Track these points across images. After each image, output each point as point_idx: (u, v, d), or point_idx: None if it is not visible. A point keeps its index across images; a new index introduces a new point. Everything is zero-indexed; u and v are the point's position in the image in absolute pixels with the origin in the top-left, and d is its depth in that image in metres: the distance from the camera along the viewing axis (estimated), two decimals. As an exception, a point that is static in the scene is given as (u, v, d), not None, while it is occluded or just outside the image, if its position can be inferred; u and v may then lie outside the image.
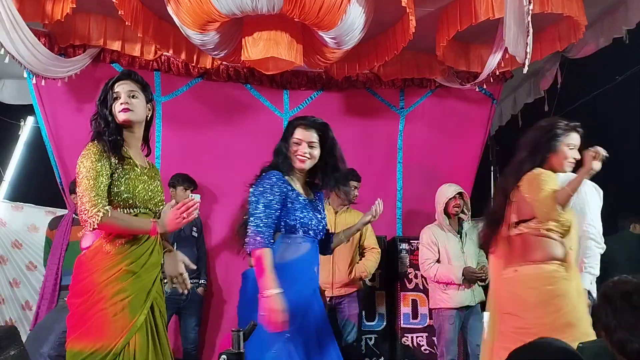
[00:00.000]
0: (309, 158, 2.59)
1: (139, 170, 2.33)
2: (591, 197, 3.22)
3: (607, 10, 4.33)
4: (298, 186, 2.62)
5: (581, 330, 2.48)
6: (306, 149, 2.58)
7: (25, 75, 4.37)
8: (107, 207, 2.18)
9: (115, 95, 2.35)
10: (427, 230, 4.20)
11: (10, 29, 3.75)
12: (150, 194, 2.34)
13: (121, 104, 2.33)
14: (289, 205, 2.52)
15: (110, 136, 2.29)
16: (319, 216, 2.63)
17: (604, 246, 3.17)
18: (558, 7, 3.82)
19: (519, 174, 2.73)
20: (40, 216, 5.54)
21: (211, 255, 4.82)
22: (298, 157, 2.58)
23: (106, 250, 2.19)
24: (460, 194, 4.15)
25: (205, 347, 4.71)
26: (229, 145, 4.98)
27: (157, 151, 4.82)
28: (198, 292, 4.47)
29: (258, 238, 2.41)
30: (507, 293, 2.74)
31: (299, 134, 2.60)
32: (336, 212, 4.17)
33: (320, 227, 2.61)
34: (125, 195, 2.25)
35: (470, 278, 3.95)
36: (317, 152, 2.61)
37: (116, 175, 2.25)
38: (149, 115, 2.46)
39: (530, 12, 3.15)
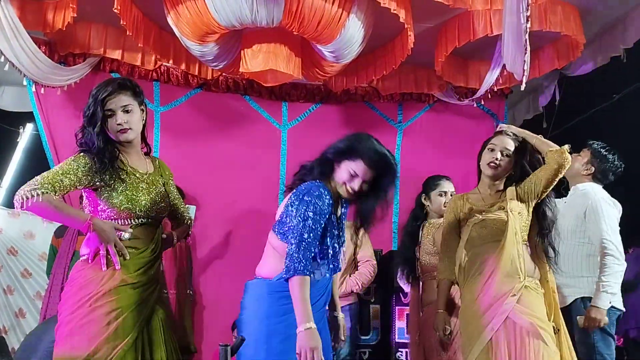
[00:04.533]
0: (355, 194, 2.23)
1: (138, 176, 2.23)
2: (606, 208, 3.07)
3: (605, 29, 4.36)
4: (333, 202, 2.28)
5: None
6: (358, 185, 2.20)
7: (25, 82, 4.37)
8: (51, 194, 2.07)
9: (107, 113, 2.18)
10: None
11: (11, 37, 3.77)
12: (151, 202, 2.23)
13: (118, 124, 2.18)
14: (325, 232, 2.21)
15: (97, 155, 2.16)
16: (340, 241, 2.31)
17: (624, 262, 2.97)
18: (556, 26, 3.86)
19: None
20: (36, 223, 5.52)
21: (204, 267, 4.79)
22: (347, 189, 2.22)
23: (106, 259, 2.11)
24: None
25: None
26: (226, 156, 4.97)
27: (155, 161, 4.82)
28: None
29: (304, 263, 2.10)
30: None
31: (360, 168, 2.19)
32: None
33: (338, 258, 2.29)
34: (125, 205, 2.16)
35: None
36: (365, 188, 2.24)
37: (111, 186, 2.16)
38: (145, 119, 2.32)
39: (528, 29, 3.15)
